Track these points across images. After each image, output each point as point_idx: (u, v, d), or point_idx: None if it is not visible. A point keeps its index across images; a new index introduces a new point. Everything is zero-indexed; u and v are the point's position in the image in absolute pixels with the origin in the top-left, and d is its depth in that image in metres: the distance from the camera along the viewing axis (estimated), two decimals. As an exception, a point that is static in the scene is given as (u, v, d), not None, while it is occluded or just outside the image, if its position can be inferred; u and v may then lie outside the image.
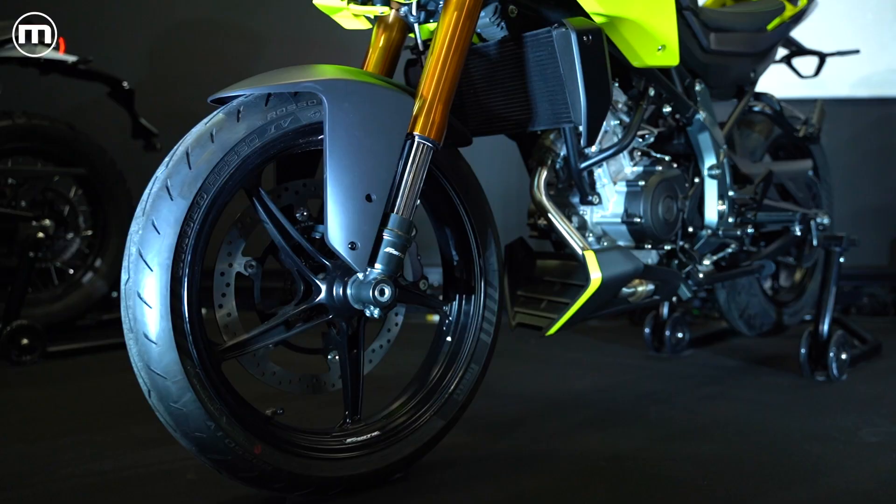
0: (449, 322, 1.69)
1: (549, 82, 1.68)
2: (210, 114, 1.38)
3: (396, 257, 1.42)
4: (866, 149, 4.05)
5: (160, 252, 1.28)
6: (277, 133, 1.39)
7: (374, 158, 1.39)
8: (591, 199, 1.92)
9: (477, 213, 1.67)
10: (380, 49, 1.70)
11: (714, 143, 2.11)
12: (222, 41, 4.13)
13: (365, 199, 1.38)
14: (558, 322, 1.81)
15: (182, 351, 1.30)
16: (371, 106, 1.40)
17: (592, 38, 1.61)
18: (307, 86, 1.36)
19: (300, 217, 1.50)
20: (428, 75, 1.47)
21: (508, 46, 1.73)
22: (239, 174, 1.36)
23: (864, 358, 2.71)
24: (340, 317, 1.49)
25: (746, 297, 2.63)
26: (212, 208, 1.33)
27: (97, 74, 3.16)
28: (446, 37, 1.49)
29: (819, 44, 3.05)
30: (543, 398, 2.23)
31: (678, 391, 2.30)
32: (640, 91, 1.93)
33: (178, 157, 1.32)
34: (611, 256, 1.79)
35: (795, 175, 2.57)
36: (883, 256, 4.05)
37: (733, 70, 2.28)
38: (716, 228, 2.13)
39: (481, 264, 1.68)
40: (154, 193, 1.30)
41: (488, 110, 1.83)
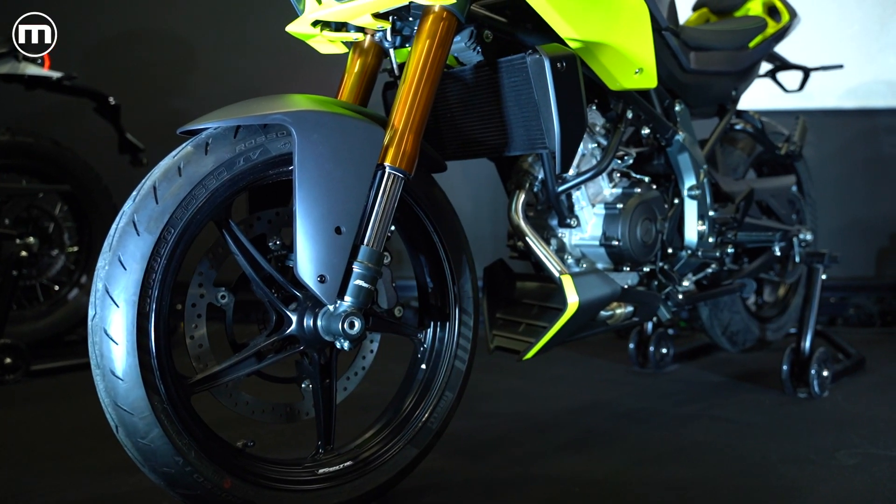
0: (424, 349, 1.69)
1: (523, 108, 1.68)
2: (179, 146, 1.39)
3: (366, 289, 1.42)
4: (853, 160, 4.06)
5: (126, 288, 1.28)
6: (247, 165, 1.38)
7: (343, 190, 1.39)
8: (570, 221, 1.92)
9: (451, 240, 1.67)
10: (355, 74, 1.70)
11: (694, 163, 2.11)
12: (213, 55, 4.13)
13: (334, 231, 1.38)
14: (535, 346, 1.81)
15: (149, 387, 1.29)
16: (341, 137, 1.39)
17: (566, 64, 1.61)
18: (276, 118, 1.36)
19: (273, 246, 1.50)
20: (399, 104, 1.47)
21: (484, 71, 1.73)
22: (207, 207, 1.35)
23: (846, 373, 2.71)
24: (312, 348, 1.49)
25: (729, 314, 2.63)
26: (179, 243, 1.33)
27: (83, 90, 3.16)
28: (418, 65, 1.49)
29: (805, 55, 3.06)
30: (523, 418, 2.23)
31: (659, 410, 2.30)
32: (619, 113, 1.93)
33: (146, 191, 1.32)
34: (588, 280, 1.79)
35: (778, 192, 2.57)
36: (869, 267, 4.05)
37: (714, 89, 2.29)
38: (696, 249, 2.13)
39: (456, 291, 1.68)
40: (121, 228, 1.30)
41: (464, 134, 1.83)
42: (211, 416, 1.50)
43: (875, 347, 3.29)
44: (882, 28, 3.87)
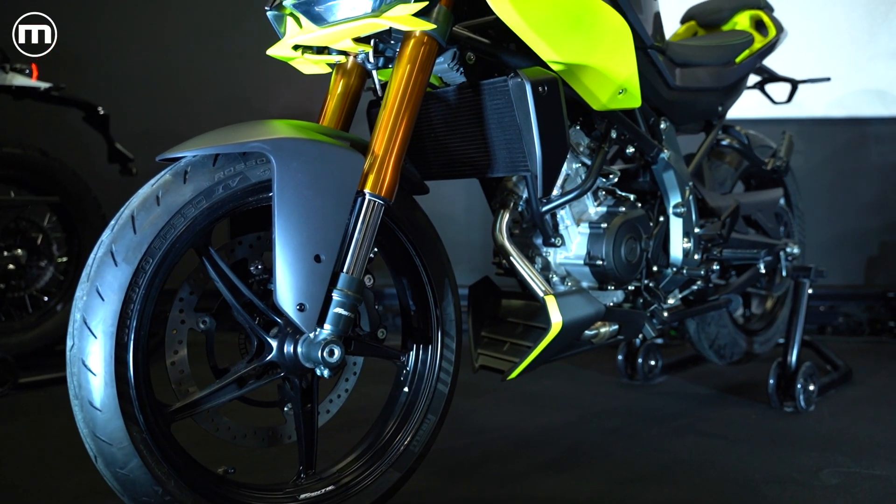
0: (406, 372, 1.69)
1: (506, 131, 1.68)
2: (158, 173, 1.38)
3: (346, 317, 1.42)
4: (841, 169, 4.07)
5: (104, 319, 1.27)
6: (226, 193, 1.38)
7: (323, 218, 1.39)
8: (554, 240, 1.92)
9: (433, 263, 1.67)
10: (338, 96, 1.70)
11: (679, 181, 2.11)
12: (203, 62, 4.13)
13: (314, 259, 1.38)
14: (519, 366, 1.81)
15: (128, 417, 1.29)
16: (320, 164, 1.39)
17: (548, 88, 1.61)
18: (255, 146, 1.36)
19: (254, 270, 1.50)
20: (380, 130, 1.47)
21: (467, 93, 1.73)
22: (186, 236, 1.35)
23: (833, 385, 2.72)
24: (293, 374, 1.48)
25: (716, 327, 2.64)
26: (158, 272, 1.32)
27: (71, 100, 3.15)
28: (399, 91, 1.49)
29: (794, 65, 3.07)
30: (508, 434, 2.23)
31: (646, 426, 2.31)
32: (603, 133, 1.93)
33: (124, 220, 1.32)
34: (572, 300, 1.79)
35: (764, 206, 2.58)
36: (858, 276, 4.07)
37: (700, 105, 2.29)
38: (681, 266, 2.13)
39: (438, 314, 1.68)
40: (99, 258, 1.30)
41: (448, 155, 1.83)
42: (192, 438, 1.51)
43: (863, 357, 3.30)
44: (870, 38, 3.88)
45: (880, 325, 3.81)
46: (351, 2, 1.49)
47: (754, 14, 2.60)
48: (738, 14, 2.62)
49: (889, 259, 4.07)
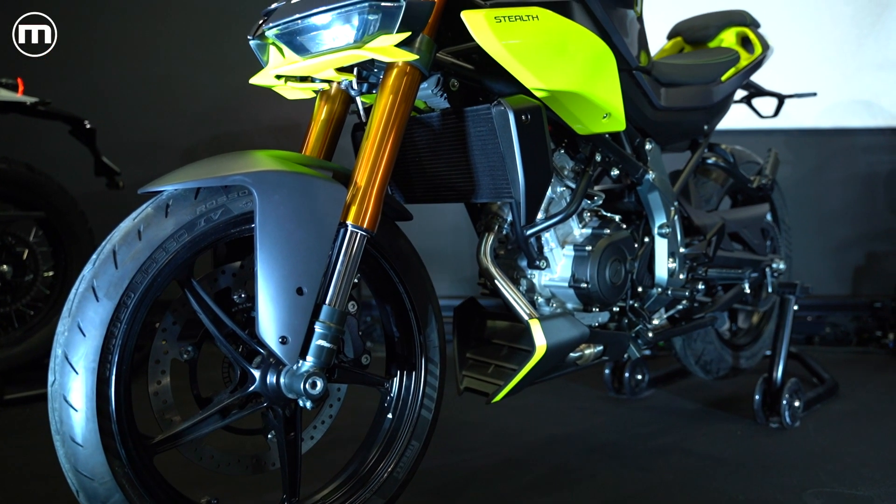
0: (390, 398, 1.69)
1: (489, 157, 1.68)
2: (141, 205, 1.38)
3: (328, 349, 1.42)
4: (829, 179, 4.09)
5: (86, 355, 1.27)
6: (208, 226, 1.38)
7: (305, 250, 1.39)
8: (539, 263, 1.92)
9: (416, 290, 1.67)
10: (321, 122, 1.70)
11: (664, 201, 2.12)
12: (191, 73, 4.12)
13: (296, 292, 1.38)
14: (504, 390, 1.81)
15: (109, 452, 1.29)
16: (302, 196, 1.39)
17: (531, 116, 1.62)
18: (237, 179, 1.36)
19: (238, 299, 1.50)
20: (362, 161, 1.47)
21: (451, 119, 1.73)
22: (168, 269, 1.35)
23: (819, 400, 2.74)
24: (276, 403, 1.48)
25: (702, 344, 2.65)
26: (140, 307, 1.32)
27: (58, 114, 3.14)
28: (381, 122, 1.49)
29: (783, 75, 3.08)
30: (494, 453, 2.24)
31: (631, 443, 2.31)
32: (587, 156, 1.94)
33: (105, 255, 1.31)
34: (556, 324, 1.79)
35: (751, 222, 2.58)
36: (845, 286, 4.09)
37: (685, 125, 2.29)
38: (666, 286, 2.14)
39: (422, 341, 1.69)
40: (80, 294, 1.30)
41: (432, 180, 1.83)
42: (176, 464, 1.51)
43: (850, 369, 3.32)
44: (858, 48, 3.90)
45: (867, 335, 3.83)
46: (333, 32, 1.49)
47: (740, 31, 2.61)
48: (725, 31, 2.63)
49: (876, 269, 4.09)
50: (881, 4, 3.86)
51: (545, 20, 1.61)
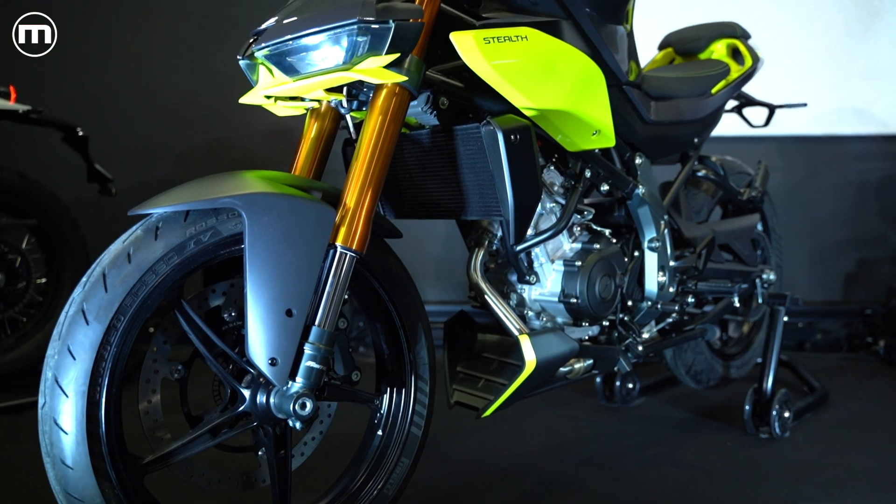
0: (380, 415, 1.70)
1: (479, 176, 1.69)
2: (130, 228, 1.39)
3: (317, 370, 1.43)
4: (821, 185, 4.11)
5: (76, 379, 1.28)
6: (197, 248, 1.39)
7: (294, 272, 1.40)
8: (529, 278, 1.93)
9: (406, 308, 1.68)
10: (311, 140, 1.71)
11: (654, 216, 2.13)
12: (184, 79, 4.12)
13: (285, 313, 1.39)
14: (494, 404, 1.82)
15: (100, 474, 1.30)
16: (291, 218, 1.39)
17: (520, 136, 1.63)
18: (226, 202, 1.36)
19: (228, 318, 1.51)
20: (352, 182, 1.48)
21: (440, 137, 1.74)
22: (158, 292, 1.36)
23: (809, 409, 2.75)
24: (266, 422, 1.49)
25: (692, 354, 2.66)
26: (130, 329, 1.33)
27: (50, 122, 3.14)
28: (370, 143, 1.50)
29: (775, 82, 3.09)
30: (485, 464, 2.25)
31: (621, 454, 2.33)
32: (577, 172, 1.94)
33: (95, 278, 1.32)
34: (545, 340, 1.80)
35: (741, 233, 2.60)
36: (836, 292, 4.11)
37: (676, 138, 2.30)
38: (655, 300, 2.15)
39: (411, 358, 1.70)
40: (70, 317, 1.31)
41: (422, 196, 1.84)
42: (165, 480, 1.51)
43: (840, 376, 3.34)
44: (849, 56, 3.92)
45: (858, 341, 3.85)
46: (322, 54, 1.49)
47: (731, 43, 2.62)
48: (715, 42, 2.65)
49: (866, 275, 4.12)
50: (871, 13, 3.87)
51: (534, 40, 1.62)
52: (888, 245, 4.14)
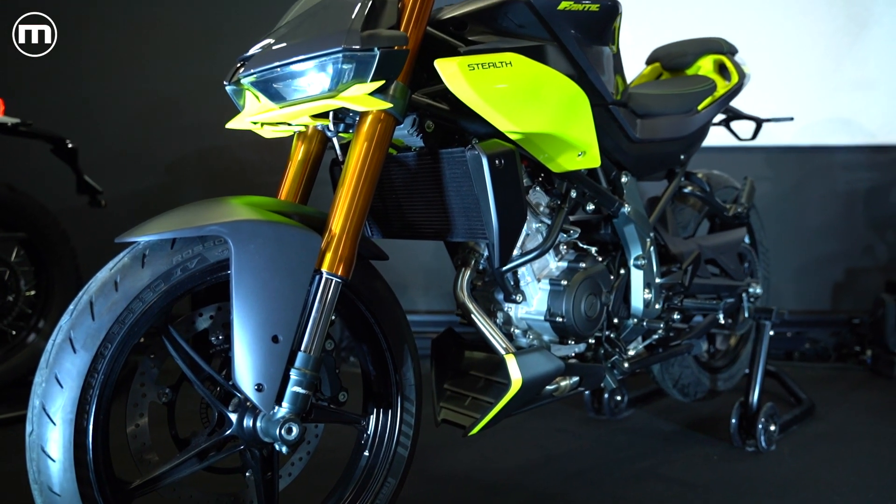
0: (367, 436, 1.72)
1: (464, 199, 1.71)
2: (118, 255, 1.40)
3: (303, 395, 1.44)
4: (809, 196, 4.14)
5: (63, 407, 1.29)
6: (184, 275, 1.40)
7: (281, 298, 1.41)
8: (515, 297, 1.94)
9: (392, 330, 1.69)
10: (298, 162, 1.73)
11: (640, 234, 2.14)
12: (174, 88, 4.12)
13: (271, 340, 1.40)
14: (480, 423, 1.83)
15: (87, 500, 1.31)
16: (277, 245, 1.41)
17: (505, 161, 1.64)
18: (213, 229, 1.38)
19: (215, 341, 1.52)
20: (337, 208, 1.49)
21: (426, 159, 1.76)
22: (145, 319, 1.37)
23: (796, 422, 2.77)
24: (253, 446, 1.51)
25: (679, 368, 2.68)
26: (117, 356, 1.34)
27: (40, 134, 3.15)
28: (356, 169, 1.51)
29: (763, 93, 3.11)
30: (475, 480, 2.26)
31: (608, 468, 2.34)
32: (563, 193, 1.96)
33: (82, 307, 1.33)
34: (531, 359, 1.81)
35: (727, 248, 2.61)
36: (825, 302, 4.13)
37: (662, 156, 2.32)
38: (642, 317, 2.17)
39: (397, 379, 1.71)
40: (57, 345, 1.32)
41: (409, 217, 1.86)
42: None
43: (828, 386, 3.37)
44: (836, 68, 3.94)
45: (846, 350, 3.88)
46: (308, 80, 1.50)
47: (717, 59, 2.64)
48: (702, 58, 2.66)
49: (854, 285, 4.14)
50: (859, 24, 3.90)
51: (518, 66, 1.64)
52: (876, 255, 4.17)
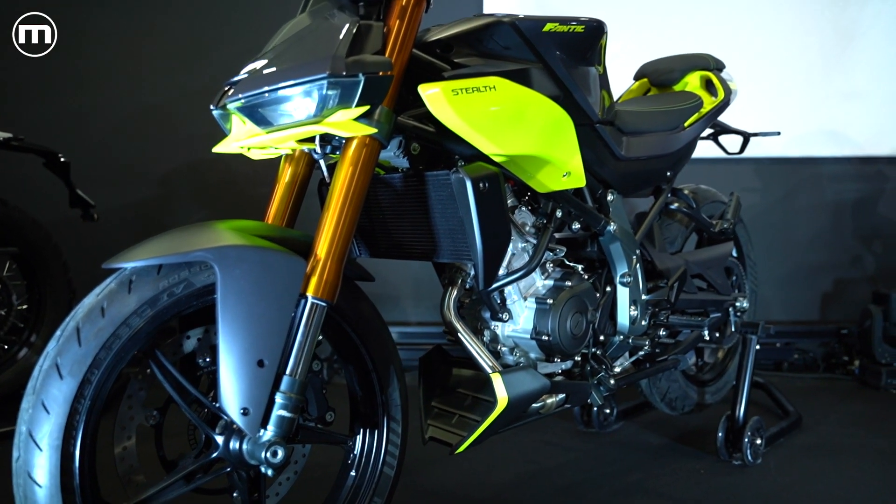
0: (353, 456, 1.73)
1: (449, 220, 1.73)
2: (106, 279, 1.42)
3: (289, 419, 1.45)
4: (797, 207, 4.16)
5: (50, 433, 1.30)
6: (171, 300, 1.42)
7: (266, 323, 1.42)
8: (502, 315, 1.96)
9: (378, 351, 1.71)
10: (286, 185, 1.75)
11: (626, 251, 2.16)
12: (166, 100, 4.13)
13: (257, 364, 1.41)
14: (467, 441, 1.85)
15: (73, 525, 1.33)
16: (262, 270, 1.42)
17: (489, 184, 1.66)
18: (199, 255, 1.39)
19: (202, 363, 1.54)
20: (323, 232, 1.51)
21: (412, 181, 1.77)
22: (132, 344, 1.38)
23: (782, 434, 2.79)
24: (239, 468, 1.52)
25: (667, 382, 2.70)
26: (104, 382, 1.36)
27: (32, 149, 3.16)
28: (341, 193, 1.52)
29: (752, 105, 3.12)
30: (463, 495, 2.28)
31: (596, 483, 2.36)
32: (549, 212, 1.97)
33: (69, 333, 1.34)
34: (517, 377, 1.83)
35: (714, 263, 2.63)
36: (813, 312, 4.16)
37: (648, 173, 2.33)
38: (628, 334, 2.19)
39: (383, 400, 1.73)
40: (44, 371, 1.33)
41: (395, 238, 1.88)
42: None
43: (815, 397, 3.39)
44: (824, 79, 3.97)
45: (835, 361, 3.90)
46: (293, 105, 1.52)
47: (704, 75, 2.66)
48: (689, 74, 2.68)
49: (843, 295, 4.17)
50: (847, 37, 3.93)
51: (502, 90, 1.66)
52: (863, 265, 4.20)
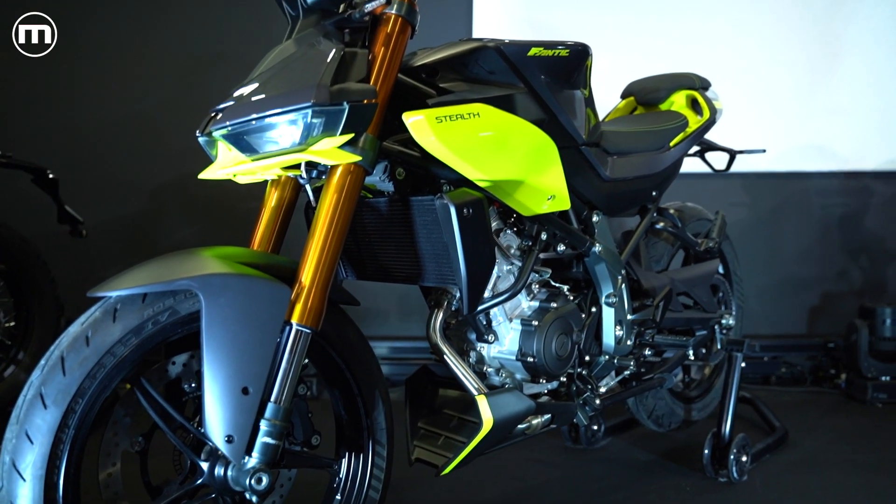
0: (339, 480, 1.74)
1: (434, 245, 1.74)
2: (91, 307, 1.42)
3: (273, 446, 1.46)
4: (784, 221, 4.19)
5: (33, 463, 1.31)
6: (155, 328, 1.43)
7: (251, 350, 1.43)
8: (487, 337, 1.97)
9: (363, 376, 1.72)
10: (272, 209, 1.76)
11: (611, 272, 2.18)
12: (156, 112, 4.14)
13: (241, 392, 1.42)
14: (453, 462, 1.86)
15: (57, 555, 1.33)
16: (247, 298, 1.43)
17: (473, 210, 1.67)
18: (183, 284, 1.40)
19: (188, 388, 1.54)
20: (307, 259, 1.52)
21: (398, 206, 1.79)
22: (116, 372, 1.39)
23: (768, 450, 2.80)
24: (224, 494, 1.53)
25: (653, 399, 2.71)
26: (88, 412, 1.36)
27: (20, 165, 3.16)
28: (326, 220, 1.53)
29: (739, 120, 3.15)
30: (449, 515, 2.29)
31: (584, 500, 2.37)
32: (534, 235, 1.99)
33: (53, 362, 1.35)
34: (503, 399, 1.84)
35: (700, 281, 2.65)
36: (801, 325, 4.18)
37: (634, 193, 2.35)
38: (613, 354, 2.20)
39: (369, 424, 1.74)
40: (28, 401, 1.33)
41: (381, 261, 1.89)
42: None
43: (802, 411, 3.41)
44: (810, 95, 4.00)
45: (822, 374, 3.92)
46: (278, 133, 1.53)
47: (690, 94, 2.68)
48: (675, 93, 2.70)
49: (829, 309, 4.20)
50: (832, 52, 3.97)
51: (486, 117, 1.67)
52: (850, 279, 4.23)
